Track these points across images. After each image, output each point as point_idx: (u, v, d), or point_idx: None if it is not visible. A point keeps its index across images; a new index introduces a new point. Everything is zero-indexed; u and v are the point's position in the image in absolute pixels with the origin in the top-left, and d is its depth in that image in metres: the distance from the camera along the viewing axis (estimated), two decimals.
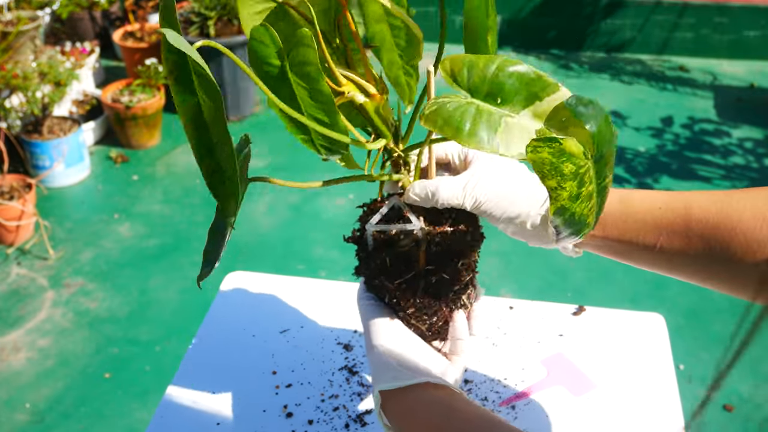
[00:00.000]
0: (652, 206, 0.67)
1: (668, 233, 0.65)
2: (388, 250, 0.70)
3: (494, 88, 0.59)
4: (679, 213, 0.65)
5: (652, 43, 4.20)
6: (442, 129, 0.57)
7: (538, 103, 0.58)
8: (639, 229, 0.67)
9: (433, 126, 0.57)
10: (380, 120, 0.67)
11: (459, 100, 0.58)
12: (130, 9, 3.77)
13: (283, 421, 0.90)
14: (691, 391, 2.09)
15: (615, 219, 0.68)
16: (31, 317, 2.37)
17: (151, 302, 2.43)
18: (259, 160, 3.20)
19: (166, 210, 2.89)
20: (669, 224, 0.65)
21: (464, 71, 0.59)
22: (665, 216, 0.66)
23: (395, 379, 0.66)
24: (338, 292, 1.12)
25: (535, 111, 0.58)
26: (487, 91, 0.59)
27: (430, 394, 0.65)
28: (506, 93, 0.59)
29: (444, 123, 0.57)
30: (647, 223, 0.66)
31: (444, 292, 0.70)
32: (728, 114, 3.60)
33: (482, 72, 0.59)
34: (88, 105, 3.28)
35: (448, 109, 0.57)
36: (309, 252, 2.64)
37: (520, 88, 0.58)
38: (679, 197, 0.66)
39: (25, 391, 2.11)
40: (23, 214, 2.63)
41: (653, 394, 0.94)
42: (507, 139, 0.56)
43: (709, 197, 0.65)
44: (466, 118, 0.57)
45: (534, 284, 2.49)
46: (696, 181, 3.07)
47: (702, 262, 0.64)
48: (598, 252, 0.71)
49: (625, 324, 1.06)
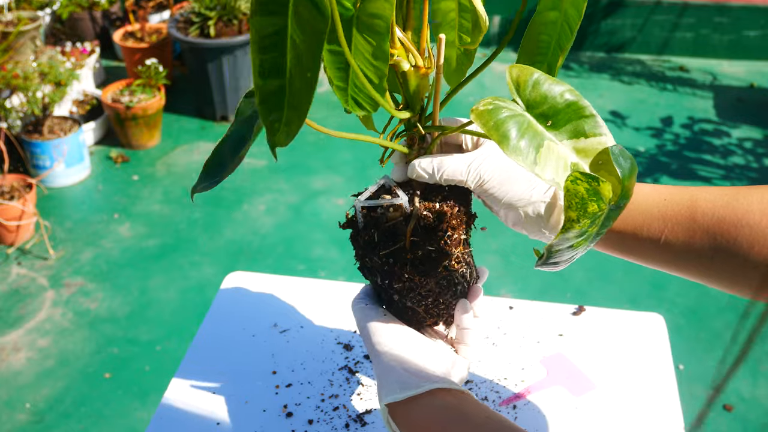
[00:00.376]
0: (657, 198, 0.66)
1: (673, 225, 0.64)
2: (375, 227, 0.71)
3: (550, 110, 0.60)
4: (685, 205, 0.64)
5: (652, 43, 4.20)
6: (490, 131, 0.58)
7: (583, 139, 0.60)
8: (643, 221, 0.66)
9: (483, 124, 0.58)
10: (416, 92, 0.67)
11: (514, 110, 0.60)
12: (130, 9, 3.77)
13: (283, 421, 0.91)
14: (691, 391, 2.09)
15: None
16: (31, 317, 2.37)
17: (151, 302, 2.43)
18: (259, 159, 3.20)
19: (166, 210, 2.89)
20: (674, 216, 0.64)
21: (529, 84, 0.61)
22: (670, 207, 0.65)
23: (402, 390, 0.65)
24: (338, 292, 1.12)
25: (576, 145, 0.60)
26: (543, 111, 0.60)
27: (439, 400, 0.64)
28: (558, 119, 0.60)
29: (494, 126, 0.58)
30: (652, 214, 0.65)
31: (431, 267, 0.69)
32: (728, 114, 3.60)
33: (545, 91, 0.61)
34: (89, 105, 3.28)
35: (502, 114, 0.59)
36: (309, 252, 2.65)
37: (572, 120, 0.60)
38: (684, 190, 0.66)
39: (25, 391, 2.11)
40: (23, 214, 2.63)
41: (653, 394, 0.94)
42: (545, 160, 0.58)
43: (715, 191, 0.64)
44: (515, 128, 0.58)
45: (534, 284, 2.49)
46: (696, 181, 3.07)
47: (706, 257, 0.63)
48: (600, 247, 0.70)
49: (625, 324, 1.06)
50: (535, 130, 0.59)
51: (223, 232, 2.76)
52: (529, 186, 0.68)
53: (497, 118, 0.58)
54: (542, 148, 0.59)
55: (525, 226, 0.70)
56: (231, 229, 2.78)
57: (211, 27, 3.32)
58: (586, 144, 0.60)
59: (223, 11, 3.36)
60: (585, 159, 0.59)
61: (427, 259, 0.69)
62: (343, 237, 2.72)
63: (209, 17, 3.35)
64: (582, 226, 0.56)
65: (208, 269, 2.57)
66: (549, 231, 0.70)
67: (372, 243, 0.71)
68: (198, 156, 3.24)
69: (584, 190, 0.55)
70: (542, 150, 0.59)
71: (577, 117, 0.60)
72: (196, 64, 3.36)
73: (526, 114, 0.60)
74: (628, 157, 0.56)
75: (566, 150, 0.59)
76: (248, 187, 3.02)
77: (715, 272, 0.64)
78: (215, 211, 2.88)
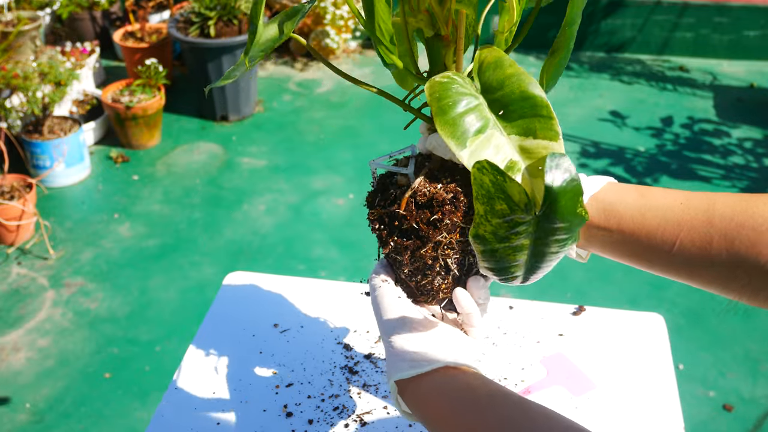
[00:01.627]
0: (673, 201, 0.64)
1: (689, 230, 0.62)
2: (382, 190, 0.73)
3: (505, 99, 0.57)
4: (702, 209, 0.62)
5: (652, 43, 4.20)
6: (432, 101, 0.55)
7: (531, 139, 0.56)
8: (658, 225, 0.63)
9: (429, 94, 0.55)
10: (438, 60, 0.65)
11: (468, 90, 0.56)
12: (130, 9, 3.77)
13: (283, 421, 0.91)
14: (691, 391, 2.09)
15: (633, 212, 0.64)
16: (31, 317, 2.37)
17: (151, 302, 2.43)
18: (259, 159, 3.20)
19: (166, 210, 2.89)
20: (690, 220, 0.62)
21: (492, 66, 0.57)
22: (687, 212, 0.62)
23: (410, 368, 0.65)
24: (338, 292, 1.12)
25: (522, 144, 0.56)
26: (497, 98, 0.57)
27: (449, 376, 0.64)
28: (512, 111, 0.56)
29: (438, 98, 0.54)
30: (667, 219, 0.63)
31: (414, 244, 0.69)
32: (728, 114, 3.60)
33: (505, 79, 0.57)
34: (89, 105, 3.28)
35: (452, 88, 0.55)
36: (309, 252, 2.65)
37: (526, 115, 0.56)
38: (701, 194, 0.64)
39: (25, 391, 2.11)
40: (23, 213, 2.63)
41: (653, 394, 0.94)
42: (480, 146, 0.55)
43: (733, 196, 0.62)
44: (461, 106, 0.55)
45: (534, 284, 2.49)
46: (696, 181, 3.08)
47: (723, 265, 0.60)
48: (610, 253, 0.68)
49: (625, 324, 1.06)
50: (482, 113, 0.56)
51: (223, 232, 2.76)
52: None
53: (445, 91, 0.55)
54: (482, 134, 0.55)
55: None
56: (231, 229, 2.78)
57: (211, 27, 3.32)
58: (533, 144, 0.55)
59: (223, 11, 3.36)
60: (527, 160, 0.56)
61: (413, 234, 0.69)
62: (343, 237, 2.72)
63: (209, 17, 3.35)
64: (495, 227, 0.53)
65: (208, 269, 2.57)
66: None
67: (374, 202, 0.72)
68: (198, 156, 3.24)
69: (489, 182, 0.52)
70: (481, 136, 0.55)
71: (532, 114, 0.56)
72: (196, 64, 3.36)
73: (479, 96, 0.57)
74: (569, 174, 0.51)
75: (508, 145, 0.56)
76: (248, 187, 3.02)
77: (733, 282, 0.61)
78: (215, 211, 2.88)
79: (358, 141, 3.31)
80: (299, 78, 3.87)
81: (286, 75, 3.92)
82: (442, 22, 0.62)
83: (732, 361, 2.21)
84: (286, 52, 4.15)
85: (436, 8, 0.61)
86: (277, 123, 3.49)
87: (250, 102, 3.51)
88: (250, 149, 3.28)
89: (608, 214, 0.66)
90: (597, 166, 3.17)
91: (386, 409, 0.92)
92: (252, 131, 3.43)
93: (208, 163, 3.19)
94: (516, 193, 0.52)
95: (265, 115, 3.55)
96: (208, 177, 3.09)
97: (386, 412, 0.92)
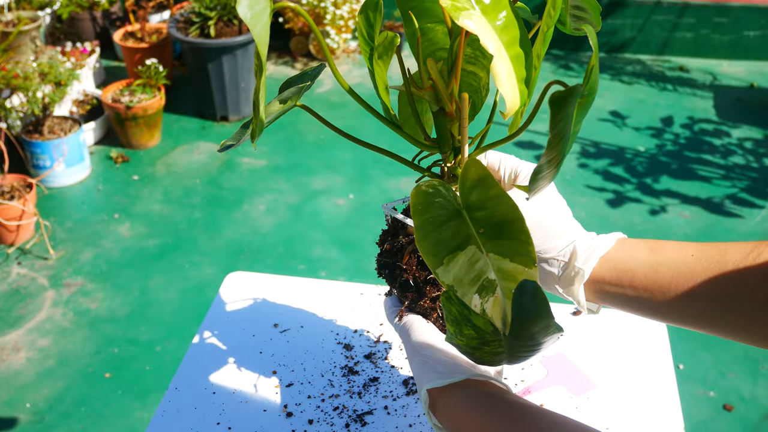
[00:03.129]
0: (685, 254, 0.64)
1: (703, 281, 0.62)
2: (393, 234, 0.76)
3: (487, 220, 0.55)
4: (714, 259, 0.62)
5: (652, 43, 4.20)
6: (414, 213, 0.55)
7: (508, 261, 0.55)
8: (671, 279, 0.63)
9: (413, 204, 0.56)
10: (443, 133, 0.66)
11: (453, 203, 0.56)
12: (130, 9, 3.77)
13: (283, 421, 0.91)
14: (691, 391, 2.09)
15: (645, 269, 0.65)
16: (32, 317, 2.37)
17: (151, 302, 2.43)
18: (259, 159, 3.20)
19: (166, 210, 2.89)
20: (703, 271, 0.62)
21: (475, 184, 0.56)
22: (699, 263, 0.62)
23: (444, 376, 0.66)
24: (338, 292, 1.12)
25: (500, 264, 0.55)
26: (479, 217, 0.56)
27: (476, 390, 0.65)
28: (493, 231, 0.55)
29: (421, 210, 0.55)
30: (680, 272, 0.63)
31: (416, 296, 0.73)
32: (728, 114, 3.60)
33: (487, 200, 0.55)
34: (89, 105, 3.28)
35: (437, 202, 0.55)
36: (309, 252, 2.65)
37: (505, 238, 0.55)
38: (712, 245, 0.64)
39: (25, 391, 2.11)
40: (24, 213, 2.63)
41: (653, 394, 0.94)
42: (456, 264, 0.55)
43: (744, 245, 0.62)
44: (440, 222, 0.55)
45: None
46: (696, 181, 3.08)
47: (741, 313, 0.60)
48: (624, 308, 0.68)
49: (625, 324, 1.06)
50: (463, 230, 0.55)
51: (223, 232, 2.76)
52: (545, 239, 0.67)
53: (428, 206, 0.55)
54: (461, 251, 0.54)
55: (540, 279, 0.70)
56: (231, 229, 2.78)
57: (211, 27, 3.32)
58: (510, 267, 0.54)
59: (223, 11, 3.36)
60: (507, 282, 0.55)
61: (408, 288, 0.73)
62: (343, 237, 2.72)
63: (209, 17, 3.35)
64: (467, 342, 0.54)
65: (208, 269, 2.57)
66: (562, 289, 0.69)
67: (383, 245, 0.76)
68: (198, 156, 3.24)
69: (456, 311, 0.53)
70: (461, 254, 0.54)
71: (511, 237, 0.54)
72: (196, 64, 3.36)
73: (462, 212, 0.56)
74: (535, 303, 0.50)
75: (488, 263, 0.55)
76: (248, 187, 3.02)
77: (755, 329, 0.60)
78: (215, 211, 2.88)
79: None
80: None
81: (286, 75, 3.92)
82: (446, 100, 0.63)
83: (732, 361, 2.21)
84: (286, 52, 4.15)
85: (440, 85, 0.62)
86: (277, 123, 3.49)
87: (250, 102, 3.51)
88: (250, 149, 3.28)
89: (620, 272, 0.66)
90: (597, 166, 3.17)
91: (386, 409, 0.92)
92: None
93: (208, 163, 3.19)
94: (482, 323, 0.53)
95: None
96: (208, 177, 3.10)
97: (386, 412, 0.92)
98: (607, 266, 0.67)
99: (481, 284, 0.56)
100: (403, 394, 0.94)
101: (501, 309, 0.55)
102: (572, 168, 3.15)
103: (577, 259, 0.67)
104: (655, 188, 3.03)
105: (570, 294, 0.69)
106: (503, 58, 0.55)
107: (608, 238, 0.68)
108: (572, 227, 0.70)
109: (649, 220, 2.83)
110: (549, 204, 0.69)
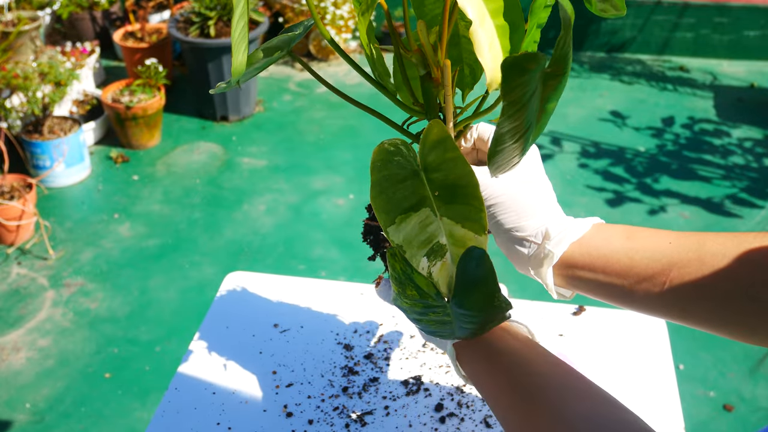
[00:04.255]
0: (661, 241, 0.63)
1: (680, 268, 0.60)
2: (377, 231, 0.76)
3: (442, 181, 0.54)
4: (692, 248, 0.60)
5: (652, 43, 4.20)
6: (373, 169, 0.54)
7: (460, 227, 0.53)
8: (647, 266, 0.62)
9: (373, 160, 0.54)
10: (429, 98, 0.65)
11: (412, 164, 0.54)
12: (130, 9, 3.77)
13: (283, 421, 0.91)
14: (691, 391, 2.09)
15: (620, 256, 0.63)
16: (31, 317, 2.37)
17: (151, 302, 2.43)
18: (259, 159, 3.20)
19: (166, 210, 2.89)
20: (680, 259, 0.60)
21: (433, 145, 0.54)
22: (676, 250, 0.61)
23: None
24: (338, 292, 1.12)
25: (452, 229, 0.54)
26: (435, 178, 0.54)
27: (503, 341, 0.65)
28: (448, 194, 0.54)
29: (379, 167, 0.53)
30: (656, 259, 0.62)
31: None
32: (728, 114, 3.60)
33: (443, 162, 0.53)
34: (89, 105, 3.28)
35: (395, 161, 0.54)
36: (309, 252, 2.65)
37: (459, 202, 0.54)
38: (691, 234, 0.62)
39: (25, 391, 2.11)
40: (23, 213, 2.63)
41: (653, 394, 0.94)
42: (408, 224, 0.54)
43: (724, 235, 0.60)
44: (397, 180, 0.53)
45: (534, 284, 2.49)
46: (696, 181, 3.08)
47: (715, 301, 0.58)
48: (597, 295, 0.67)
49: (625, 324, 1.06)
50: (419, 191, 0.53)
51: (223, 232, 2.76)
52: (518, 216, 0.66)
53: (387, 163, 0.53)
54: (416, 213, 0.53)
55: (512, 259, 0.69)
56: (231, 229, 2.78)
57: (211, 27, 3.32)
58: (462, 233, 0.53)
59: (223, 11, 3.36)
60: (457, 249, 0.53)
61: None
62: (343, 237, 2.72)
63: (209, 17, 3.35)
64: (411, 304, 0.54)
65: (208, 269, 2.57)
66: (533, 270, 0.68)
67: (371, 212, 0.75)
68: (198, 156, 3.24)
69: (400, 269, 0.52)
70: (414, 215, 0.53)
71: (464, 202, 0.53)
72: (196, 64, 3.36)
73: (420, 173, 0.54)
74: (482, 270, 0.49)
75: (440, 227, 0.54)
76: (248, 187, 3.02)
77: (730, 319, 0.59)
78: (215, 211, 2.88)
79: (358, 141, 3.31)
80: (299, 78, 3.87)
81: (286, 75, 3.92)
82: (433, 64, 0.61)
83: (732, 361, 2.21)
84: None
85: (427, 48, 0.60)
86: (277, 123, 3.49)
87: (250, 102, 3.51)
88: (250, 149, 3.28)
89: (594, 257, 0.65)
90: (597, 166, 3.17)
91: (386, 409, 0.92)
92: (252, 131, 3.43)
93: (208, 163, 3.19)
94: (423, 284, 0.52)
95: (265, 115, 3.55)
96: (208, 177, 3.09)
97: (386, 412, 0.92)
98: (581, 251, 0.65)
99: (432, 248, 0.54)
100: (403, 394, 0.94)
101: (448, 274, 0.53)
102: (572, 168, 3.15)
103: (549, 240, 0.65)
104: (655, 188, 3.03)
105: (539, 276, 0.67)
106: (486, 26, 0.51)
107: (584, 222, 0.67)
108: (550, 208, 0.67)
109: (648, 220, 2.83)
110: (528, 182, 0.67)
